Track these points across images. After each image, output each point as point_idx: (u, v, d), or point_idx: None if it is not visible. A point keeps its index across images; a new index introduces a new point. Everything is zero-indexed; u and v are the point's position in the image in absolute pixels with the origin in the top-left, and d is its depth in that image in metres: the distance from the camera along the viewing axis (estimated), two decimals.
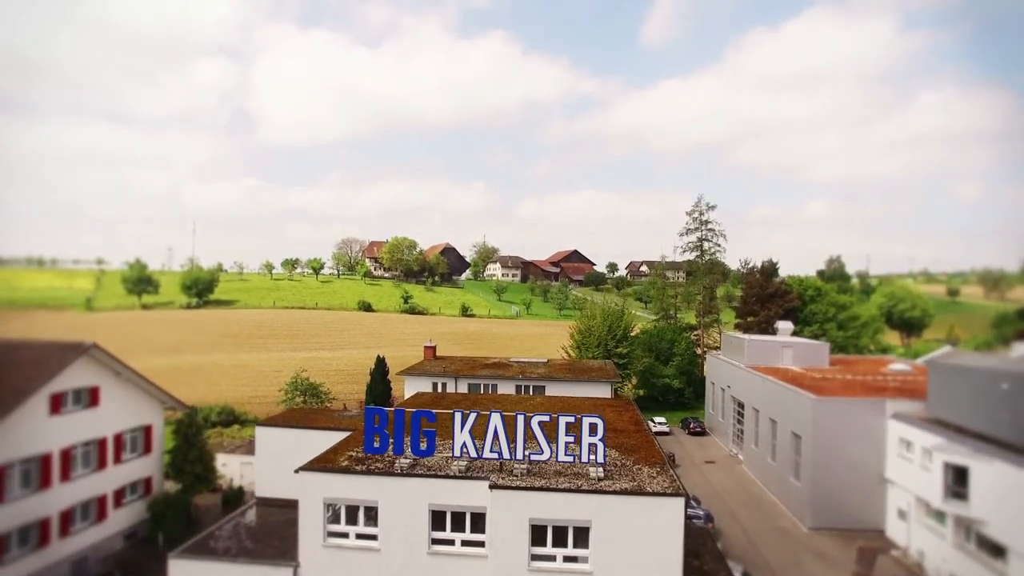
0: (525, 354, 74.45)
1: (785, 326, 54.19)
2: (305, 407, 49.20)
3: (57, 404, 26.92)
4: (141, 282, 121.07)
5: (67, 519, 27.17)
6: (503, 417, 19.03)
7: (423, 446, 19.45)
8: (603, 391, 42.10)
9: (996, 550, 24.76)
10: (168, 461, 34.31)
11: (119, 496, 30.35)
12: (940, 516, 28.62)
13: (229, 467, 38.60)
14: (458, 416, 19.14)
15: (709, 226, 75.75)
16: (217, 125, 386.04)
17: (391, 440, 19.53)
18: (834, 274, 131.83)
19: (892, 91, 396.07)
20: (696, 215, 76.01)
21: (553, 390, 42.29)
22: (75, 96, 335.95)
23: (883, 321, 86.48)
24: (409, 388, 44.18)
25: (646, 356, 64.83)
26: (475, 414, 19.40)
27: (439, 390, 43.54)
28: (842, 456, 33.64)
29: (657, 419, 57.03)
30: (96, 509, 28.85)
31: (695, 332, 75.54)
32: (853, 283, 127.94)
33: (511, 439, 18.98)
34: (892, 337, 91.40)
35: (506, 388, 43.20)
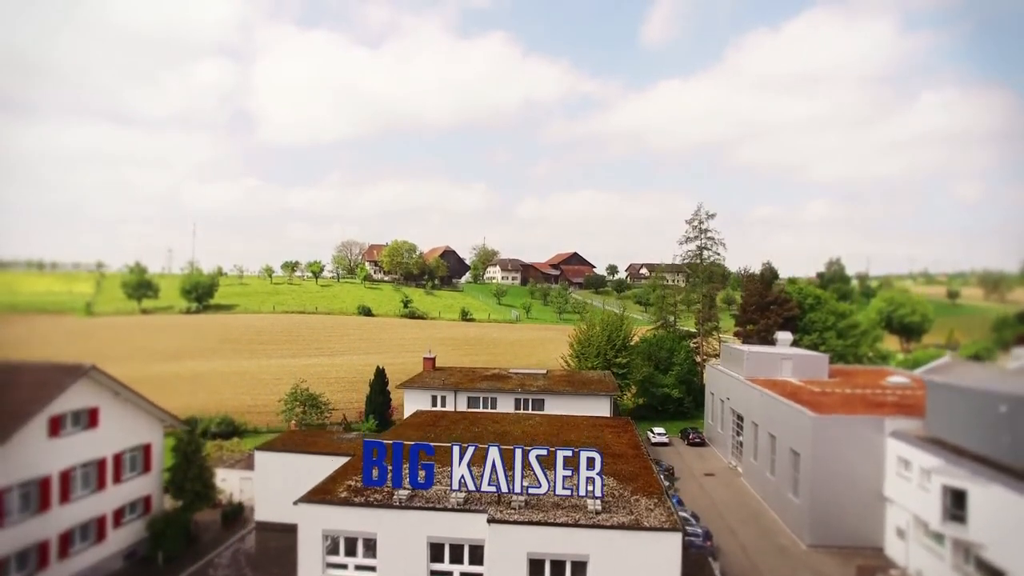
0: (524, 361, 74.67)
1: (784, 337, 54.00)
2: (304, 428, 49.18)
3: (56, 426, 26.91)
4: (141, 286, 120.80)
5: (66, 541, 27.17)
6: (501, 451, 19.05)
7: (421, 478, 19.47)
8: (602, 405, 42.19)
9: (995, 574, 24.77)
10: (168, 479, 34.31)
11: (118, 516, 30.36)
12: (939, 537, 28.61)
13: (228, 482, 38.57)
14: (456, 449, 19.16)
15: (709, 234, 75.87)
16: (217, 125, 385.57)
17: (389, 472, 19.56)
18: (834, 276, 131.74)
19: (892, 91, 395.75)
20: (696, 223, 76.13)
21: (552, 404, 42.37)
22: (75, 96, 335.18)
23: (882, 328, 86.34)
24: (408, 401, 44.25)
25: (645, 365, 64.72)
26: (473, 447, 19.41)
27: (438, 403, 43.59)
28: (841, 473, 33.62)
29: (656, 429, 57.02)
30: (95, 530, 28.87)
31: (694, 340, 75.55)
32: (853, 285, 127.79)
33: (509, 469, 19.02)
34: (892, 343, 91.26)
35: (505, 401, 43.26)
